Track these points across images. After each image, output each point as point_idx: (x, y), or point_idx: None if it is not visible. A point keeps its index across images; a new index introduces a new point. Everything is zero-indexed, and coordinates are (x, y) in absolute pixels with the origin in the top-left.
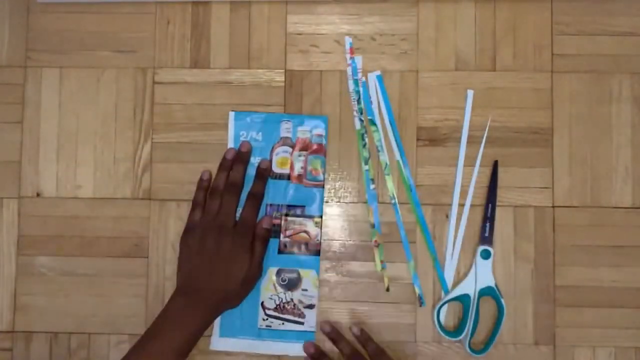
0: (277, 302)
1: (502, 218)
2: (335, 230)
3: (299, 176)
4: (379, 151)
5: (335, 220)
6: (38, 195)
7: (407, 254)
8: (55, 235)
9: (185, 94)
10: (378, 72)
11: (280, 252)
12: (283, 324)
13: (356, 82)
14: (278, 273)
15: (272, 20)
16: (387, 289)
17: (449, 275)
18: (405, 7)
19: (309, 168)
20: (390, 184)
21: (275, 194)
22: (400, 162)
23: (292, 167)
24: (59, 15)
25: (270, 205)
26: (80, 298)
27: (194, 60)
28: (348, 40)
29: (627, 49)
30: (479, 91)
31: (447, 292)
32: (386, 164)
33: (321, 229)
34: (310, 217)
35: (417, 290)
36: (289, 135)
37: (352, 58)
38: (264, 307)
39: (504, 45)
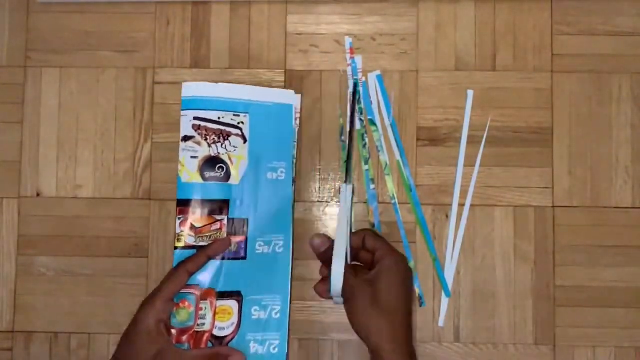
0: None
1: (502, 218)
2: (335, 230)
3: None
4: (379, 151)
5: (335, 220)
6: (38, 195)
7: (407, 254)
8: (55, 235)
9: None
10: (378, 72)
11: None
12: None
13: (356, 82)
14: None
15: (272, 20)
16: None
17: (449, 276)
18: (405, 7)
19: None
20: (390, 184)
21: None
22: (400, 162)
23: None
24: (59, 15)
25: None
26: (80, 298)
27: (194, 60)
28: (348, 40)
29: (627, 49)
30: (479, 91)
31: (447, 293)
32: (386, 164)
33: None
34: None
35: (417, 290)
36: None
37: (352, 58)
38: None
39: (504, 45)
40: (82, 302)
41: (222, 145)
